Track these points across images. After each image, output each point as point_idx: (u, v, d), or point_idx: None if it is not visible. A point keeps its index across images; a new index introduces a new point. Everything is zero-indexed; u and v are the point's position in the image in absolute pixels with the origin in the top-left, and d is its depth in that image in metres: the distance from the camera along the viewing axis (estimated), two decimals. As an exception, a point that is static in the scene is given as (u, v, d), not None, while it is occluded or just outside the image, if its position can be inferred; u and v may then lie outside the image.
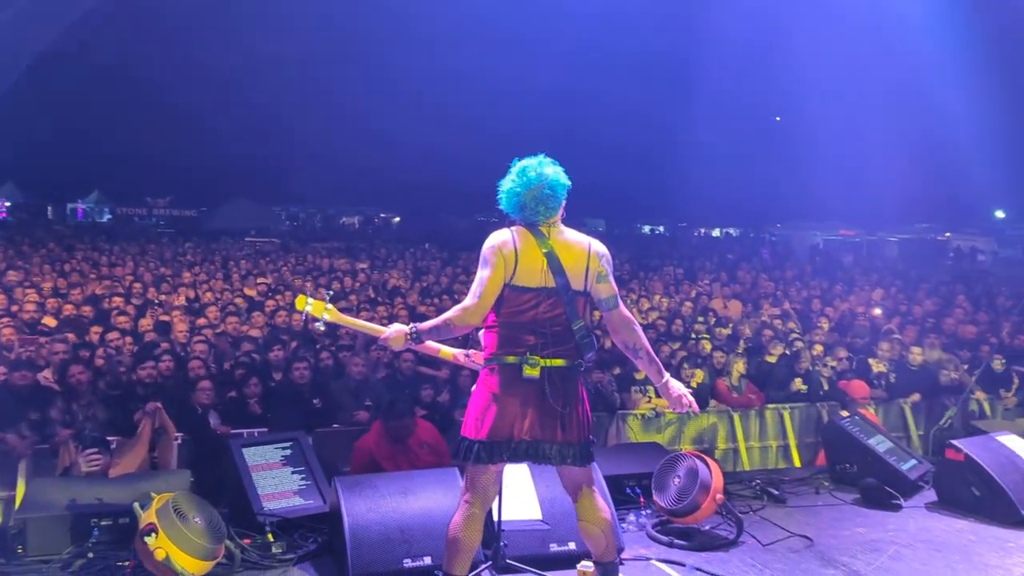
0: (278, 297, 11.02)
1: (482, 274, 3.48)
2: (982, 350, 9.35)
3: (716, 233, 44.89)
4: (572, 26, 38.76)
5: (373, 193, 45.58)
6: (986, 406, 8.56)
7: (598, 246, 3.62)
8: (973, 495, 5.35)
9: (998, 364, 8.67)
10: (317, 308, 3.81)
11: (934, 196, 31.48)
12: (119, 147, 40.67)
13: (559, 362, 3.49)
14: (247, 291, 12.05)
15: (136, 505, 4.09)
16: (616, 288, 3.62)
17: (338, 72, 40.96)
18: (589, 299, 3.59)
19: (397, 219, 46.37)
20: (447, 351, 3.94)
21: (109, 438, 5.60)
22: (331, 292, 4.05)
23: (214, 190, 37.76)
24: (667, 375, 3.64)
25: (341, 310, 3.97)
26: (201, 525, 3.99)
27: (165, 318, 9.33)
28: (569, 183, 3.59)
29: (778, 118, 36.36)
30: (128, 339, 7.95)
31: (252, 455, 5.01)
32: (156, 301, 10.72)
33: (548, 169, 3.55)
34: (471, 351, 3.81)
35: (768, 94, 37.52)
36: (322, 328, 3.86)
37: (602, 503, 3.68)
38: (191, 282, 12.70)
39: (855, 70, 31.89)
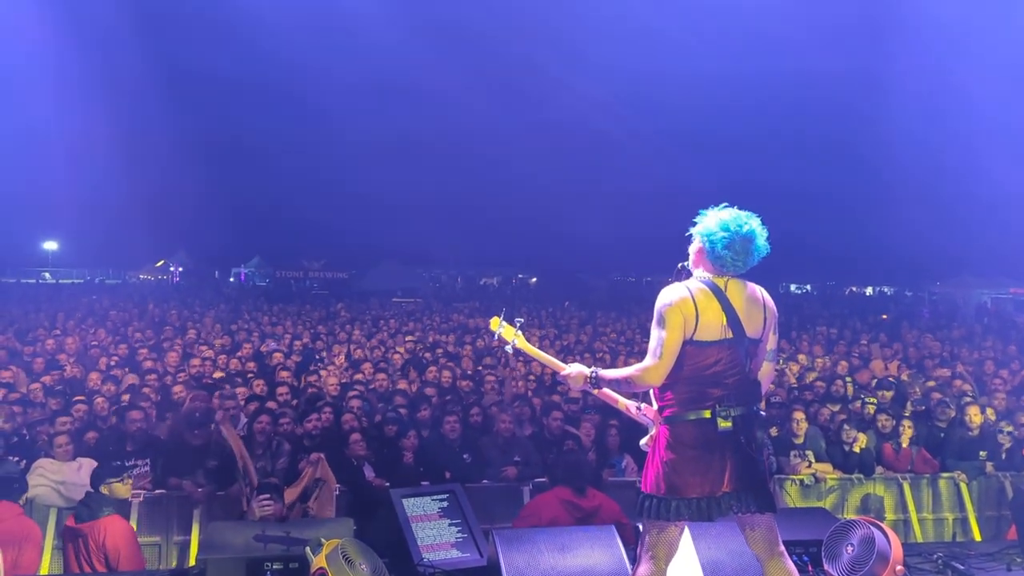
0: (426, 354, 11.30)
1: (660, 334, 3.42)
2: None
3: (868, 291, 42.70)
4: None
5: (511, 255, 46.84)
6: None
7: (769, 296, 3.60)
8: None
9: None
10: (508, 332, 3.94)
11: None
12: (278, 215, 44.02)
13: (742, 410, 3.43)
14: (397, 348, 12.45)
15: (308, 550, 4.23)
16: None
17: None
18: (759, 348, 3.52)
19: (534, 279, 47.06)
20: (621, 400, 3.94)
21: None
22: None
23: (364, 253, 39.96)
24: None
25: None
26: (367, 572, 4.07)
27: (323, 373, 9.74)
28: (767, 251, 3.54)
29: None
30: (290, 394, 8.36)
31: (411, 506, 5.10)
32: (318, 357, 11.26)
33: (762, 232, 3.51)
34: (643, 404, 3.76)
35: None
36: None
37: (792, 566, 3.53)
38: (345, 340, 13.30)
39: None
